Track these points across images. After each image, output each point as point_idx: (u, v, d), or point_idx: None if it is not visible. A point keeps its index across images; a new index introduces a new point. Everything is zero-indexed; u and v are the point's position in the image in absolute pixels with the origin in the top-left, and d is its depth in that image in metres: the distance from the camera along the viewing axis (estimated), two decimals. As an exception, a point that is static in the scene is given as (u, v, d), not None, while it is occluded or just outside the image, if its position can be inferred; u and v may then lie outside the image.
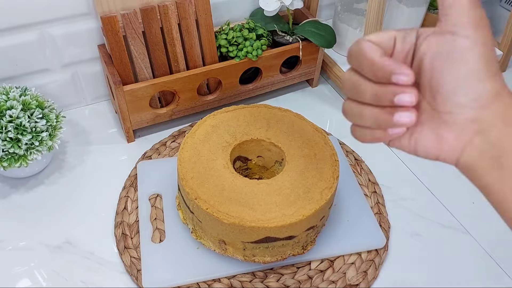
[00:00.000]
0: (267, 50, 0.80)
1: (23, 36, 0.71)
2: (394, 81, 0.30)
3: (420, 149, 0.33)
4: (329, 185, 0.57)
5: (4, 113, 0.62)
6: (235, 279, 0.59)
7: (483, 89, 0.31)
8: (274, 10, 0.80)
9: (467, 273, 0.63)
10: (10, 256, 0.61)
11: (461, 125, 0.32)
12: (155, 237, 0.63)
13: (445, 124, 0.32)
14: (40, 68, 0.76)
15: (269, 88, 0.85)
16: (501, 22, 1.13)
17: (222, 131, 0.63)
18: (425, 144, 0.33)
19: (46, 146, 0.65)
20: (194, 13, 0.74)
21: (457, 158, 0.33)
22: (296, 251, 0.59)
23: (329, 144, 0.62)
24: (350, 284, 0.60)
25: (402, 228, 0.67)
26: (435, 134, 0.32)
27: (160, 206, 0.66)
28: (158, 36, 0.73)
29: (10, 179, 0.71)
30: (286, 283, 0.59)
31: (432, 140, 0.33)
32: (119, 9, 0.70)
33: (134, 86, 0.71)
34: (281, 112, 0.67)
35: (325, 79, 0.94)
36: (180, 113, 0.79)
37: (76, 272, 0.60)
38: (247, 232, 0.54)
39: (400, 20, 0.94)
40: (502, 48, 0.96)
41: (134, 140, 0.78)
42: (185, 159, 0.59)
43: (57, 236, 0.64)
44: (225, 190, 0.56)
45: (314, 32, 0.82)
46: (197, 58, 0.77)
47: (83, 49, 0.77)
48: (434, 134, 0.33)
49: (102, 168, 0.73)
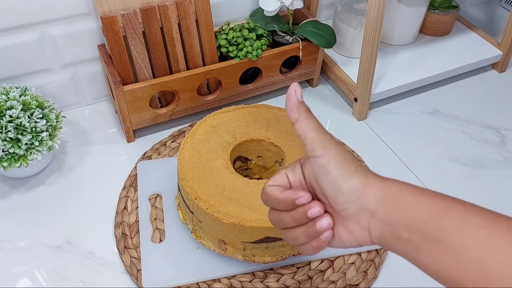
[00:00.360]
0: (267, 50, 0.80)
1: (23, 36, 0.71)
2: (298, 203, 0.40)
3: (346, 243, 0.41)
4: (329, 185, 0.57)
5: (4, 113, 0.62)
6: (235, 279, 0.59)
7: (350, 185, 0.39)
8: (274, 10, 0.80)
9: (467, 273, 0.63)
10: (10, 256, 0.61)
11: (356, 215, 0.39)
12: (155, 237, 0.63)
13: (347, 219, 0.40)
14: (40, 68, 0.76)
15: (269, 88, 0.85)
16: (501, 22, 1.13)
17: (222, 131, 0.63)
18: (345, 239, 0.41)
19: (46, 146, 0.65)
20: (194, 13, 0.74)
21: (370, 240, 0.40)
22: (296, 251, 0.59)
23: (329, 144, 0.62)
24: (350, 284, 0.60)
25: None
26: (346, 229, 0.40)
27: (160, 206, 0.66)
28: (158, 36, 0.73)
29: (10, 179, 0.71)
30: (286, 283, 0.59)
31: (347, 234, 0.41)
32: (119, 9, 0.70)
33: (134, 86, 0.71)
34: (281, 112, 0.67)
35: (325, 79, 0.94)
36: (180, 113, 0.79)
37: (76, 272, 0.60)
38: (247, 232, 0.54)
39: (400, 20, 0.94)
40: (502, 48, 0.96)
41: (134, 140, 0.78)
42: (185, 159, 0.59)
43: (57, 236, 0.64)
44: (225, 190, 0.56)
45: (314, 32, 0.82)
46: (197, 58, 0.77)
47: (83, 49, 0.77)
48: (346, 229, 0.40)
49: (102, 168, 0.74)
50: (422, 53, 0.95)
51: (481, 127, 0.85)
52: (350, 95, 0.86)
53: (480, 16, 1.16)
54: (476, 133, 0.84)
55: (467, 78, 0.96)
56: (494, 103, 0.91)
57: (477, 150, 0.81)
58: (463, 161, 0.78)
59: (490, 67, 0.99)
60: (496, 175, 0.76)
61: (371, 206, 0.39)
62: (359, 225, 0.40)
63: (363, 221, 0.40)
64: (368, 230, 0.40)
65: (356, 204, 0.39)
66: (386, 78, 0.88)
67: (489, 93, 0.93)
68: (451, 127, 0.85)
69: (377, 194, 0.39)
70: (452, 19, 0.99)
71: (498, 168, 0.77)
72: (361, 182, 0.39)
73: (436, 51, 0.96)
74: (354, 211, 0.39)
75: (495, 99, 0.92)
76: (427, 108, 0.88)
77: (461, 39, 0.99)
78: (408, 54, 0.95)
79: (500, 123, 0.86)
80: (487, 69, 0.99)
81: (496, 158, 0.80)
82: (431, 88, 0.93)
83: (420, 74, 0.89)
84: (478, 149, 0.81)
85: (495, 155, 0.80)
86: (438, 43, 0.98)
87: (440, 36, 1.00)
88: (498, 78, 0.97)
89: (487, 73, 0.98)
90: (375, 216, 0.39)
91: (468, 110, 0.89)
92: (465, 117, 0.87)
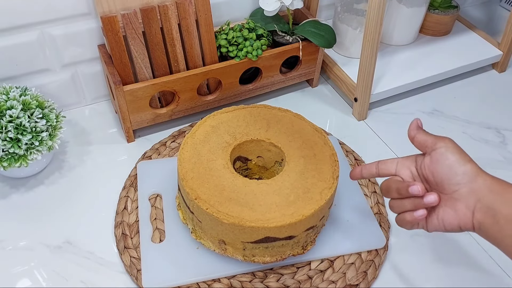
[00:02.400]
0: (267, 50, 0.80)
1: (23, 36, 0.71)
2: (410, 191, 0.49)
3: (447, 223, 0.49)
4: (328, 185, 0.57)
5: (4, 113, 0.62)
6: (235, 279, 0.59)
7: (465, 169, 0.48)
8: (274, 10, 0.80)
9: (467, 273, 0.63)
10: (10, 256, 0.61)
11: (465, 197, 0.47)
12: (155, 237, 0.63)
13: (455, 200, 0.48)
14: (40, 68, 0.76)
15: (269, 88, 0.85)
16: (501, 22, 1.13)
17: (222, 131, 0.63)
18: (448, 218, 0.48)
19: (46, 146, 0.65)
20: (194, 13, 0.74)
21: (471, 221, 0.47)
22: (296, 251, 0.59)
23: (329, 144, 0.62)
24: (350, 284, 0.60)
25: (402, 228, 0.67)
26: (452, 209, 0.48)
27: (160, 206, 0.66)
28: (158, 36, 0.73)
29: (10, 179, 0.71)
30: (286, 283, 0.60)
31: (451, 214, 0.48)
32: (119, 9, 0.70)
33: (134, 86, 0.71)
34: (280, 112, 0.67)
35: (325, 79, 0.94)
36: (180, 113, 0.79)
37: (76, 272, 0.60)
38: (247, 232, 0.54)
39: (400, 20, 0.94)
40: (502, 48, 0.96)
41: (134, 140, 0.78)
42: (185, 159, 0.59)
43: (57, 236, 0.64)
44: (225, 190, 0.56)
45: (314, 32, 0.82)
46: (197, 58, 0.77)
47: (83, 49, 0.77)
48: (452, 209, 0.48)
49: (102, 168, 0.74)
50: (422, 53, 0.95)
51: (481, 127, 0.85)
52: (350, 95, 0.86)
53: (480, 16, 1.16)
54: (476, 133, 0.84)
55: (467, 78, 0.96)
56: (494, 103, 0.91)
57: (477, 150, 0.81)
58: (463, 161, 0.78)
59: (490, 67, 0.99)
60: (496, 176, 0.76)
61: (480, 191, 0.46)
62: (466, 206, 0.47)
63: (470, 203, 0.47)
64: (472, 212, 0.47)
65: (467, 186, 0.47)
66: (386, 78, 0.88)
67: (489, 93, 0.93)
68: (451, 127, 0.85)
69: (486, 183, 0.47)
70: (452, 19, 0.99)
71: (498, 168, 0.77)
72: (474, 170, 0.48)
73: (436, 51, 0.96)
74: (465, 193, 0.47)
75: (495, 99, 0.92)
76: (427, 108, 0.88)
77: (461, 39, 0.99)
78: (408, 54, 0.95)
79: (500, 123, 0.86)
80: (487, 69, 0.99)
81: (496, 158, 0.80)
82: (431, 88, 0.93)
83: (420, 74, 0.89)
84: (478, 149, 0.81)
85: (495, 155, 0.80)
86: (438, 43, 0.98)
87: (440, 36, 1.00)
88: (498, 78, 0.97)
89: (487, 73, 0.98)
90: (481, 200, 0.46)
91: (468, 110, 0.89)
92: (465, 117, 0.87)
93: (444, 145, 0.49)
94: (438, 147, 0.49)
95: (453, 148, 0.49)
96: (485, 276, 0.62)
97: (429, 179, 0.50)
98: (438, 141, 0.50)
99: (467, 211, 0.47)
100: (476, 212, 0.46)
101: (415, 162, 0.53)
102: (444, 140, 0.50)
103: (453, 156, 0.48)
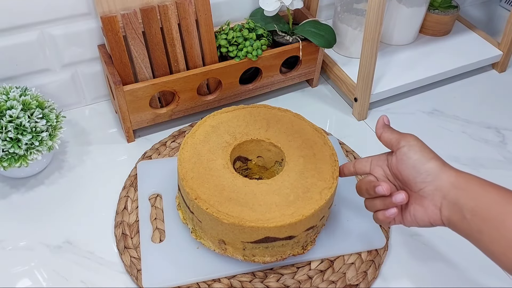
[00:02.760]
0: (267, 50, 0.80)
1: (23, 36, 0.71)
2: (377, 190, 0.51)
3: (419, 220, 0.50)
4: (328, 185, 0.57)
5: (4, 113, 0.62)
6: (235, 279, 0.59)
7: (428, 167, 0.48)
8: (274, 10, 0.80)
9: (467, 273, 0.63)
10: (10, 256, 0.61)
11: (431, 195, 0.48)
12: (155, 237, 0.63)
13: (423, 198, 0.49)
14: (40, 68, 0.76)
15: (269, 88, 0.85)
16: (501, 22, 1.13)
17: (222, 131, 0.63)
18: (419, 215, 0.49)
19: (46, 146, 0.65)
20: (194, 13, 0.74)
21: (440, 218, 0.48)
22: (296, 251, 0.59)
23: (329, 144, 0.62)
24: (350, 284, 0.60)
25: (402, 228, 0.67)
26: (421, 206, 0.49)
27: (160, 206, 0.66)
28: (158, 36, 0.73)
29: (10, 179, 0.71)
30: (286, 283, 0.60)
31: (421, 211, 0.49)
32: (119, 9, 0.70)
33: (134, 86, 0.71)
34: (280, 112, 0.67)
35: (325, 79, 0.94)
36: (180, 113, 0.79)
37: (76, 272, 0.60)
38: (246, 232, 0.54)
39: (400, 20, 0.94)
40: (502, 48, 0.96)
41: (134, 140, 0.78)
42: (185, 159, 0.59)
43: (57, 236, 0.64)
44: (225, 190, 0.56)
45: (314, 32, 0.82)
46: (197, 58, 0.77)
47: (83, 49, 0.77)
48: (421, 206, 0.49)
49: (102, 168, 0.74)
50: (422, 53, 0.95)
51: (481, 127, 0.85)
52: (350, 95, 0.86)
53: (480, 16, 1.16)
54: (476, 133, 0.84)
55: (467, 78, 0.96)
56: (494, 103, 0.91)
57: (477, 150, 0.81)
58: (463, 161, 0.78)
59: (490, 67, 0.99)
60: (495, 175, 0.75)
61: (444, 188, 0.47)
62: (433, 204, 0.48)
63: (436, 201, 0.48)
64: (439, 209, 0.47)
65: (432, 184, 0.48)
66: (386, 78, 0.88)
67: (489, 93, 0.93)
68: (451, 127, 0.85)
69: (450, 179, 0.47)
70: (452, 19, 0.99)
71: (497, 168, 0.77)
72: (438, 166, 0.48)
73: (436, 51, 0.96)
74: (430, 191, 0.48)
75: (495, 99, 0.92)
76: (427, 108, 0.88)
77: (461, 39, 0.99)
78: (408, 54, 0.95)
79: (500, 123, 0.86)
80: (487, 69, 0.99)
81: (496, 158, 0.80)
82: (431, 88, 0.93)
83: (420, 74, 0.89)
84: (477, 149, 0.81)
85: (495, 155, 0.80)
86: (438, 43, 0.98)
87: (440, 36, 1.00)
88: (498, 78, 0.97)
89: (487, 73, 0.98)
90: (446, 197, 0.47)
91: (468, 110, 0.89)
92: (465, 117, 0.87)
93: (406, 144, 0.50)
94: (401, 146, 0.50)
95: (415, 146, 0.49)
96: (485, 276, 0.62)
97: (398, 178, 0.51)
98: (401, 139, 0.50)
99: (435, 209, 0.48)
100: (443, 209, 0.47)
101: (387, 161, 0.53)
102: (406, 138, 0.50)
103: (415, 155, 0.49)
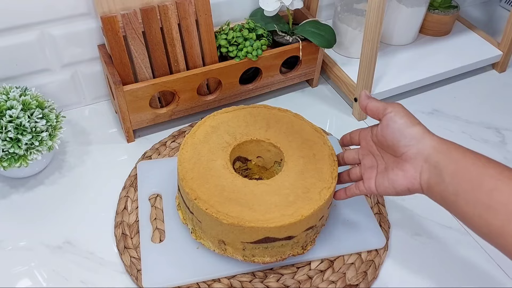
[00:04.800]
0: (267, 50, 0.80)
1: (23, 36, 0.71)
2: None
3: (396, 185, 0.51)
4: (328, 185, 0.57)
5: (4, 113, 0.62)
6: (235, 279, 0.59)
7: (413, 131, 0.50)
8: (274, 10, 0.80)
9: (467, 273, 0.63)
10: (10, 256, 0.61)
11: (413, 158, 0.50)
12: (155, 237, 0.63)
13: (404, 162, 0.50)
14: (40, 68, 0.76)
15: (269, 88, 0.85)
16: (501, 22, 1.13)
17: (222, 131, 0.63)
18: (397, 179, 0.51)
19: (46, 146, 0.65)
20: (194, 13, 0.74)
21: (419, 183, 0.49)
22: (296, 251, 0.59)
23: (328, 144, 0.62)
24: (350, 284, 0.60)
25: (402, 228, 0.67)
26: (401, 170, 0.51)
27: (160, 206, 0.66)
28: (158, 36, 0.73)
29: (10, 179, 0.71)
30: (286, 283, 0.60)
31: (401, 175, 0.51)
32: (119, 9, 0.70)
33: (134, 86, 0.71)
34: (280, 112, 0.67)
35: (325, 79, 0.94)
36: (180, 113, 0.79)
37: (76, 272, 0.60)
38: (246, 232, 0.54)
39: (400, 20, 0.94)
40: (502, 48, 0.96)
41: (134, 140, 0.78)
42: (185, 159, 0.59)
43: (57, 236, 0.64)
44: (224, 191, 0.56)
45: (314, 32, 0.82)
46: (197, 58, 0.77)
47: (83, 49, 0.77)
48: (401, 171, 0.51)
49: (102, 168, 0.74)
50: (422, 53, 0.95)
51: (481, 127, 0.85)
52: (350, 95, 0.86)
53: (480, 16, 1.16)
54: (476, 133, 0.84)
55: (467, 78, 0.96)
56: (494, 103, 0.91)
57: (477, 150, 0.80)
58: (463, 161, 0.78)
59: (490, 67, 0.99)
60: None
61: (426, 151, 0.49)
62: (413, 167, 0.49)
63: (417, 164, 0.49)
64: (420, 173, 0.49)
65: (415, 147, 0.49)
66: (386, 78, 0.88)
67: (489, 93, 0.93)
68: (451, 127, 0.85)
69: (433, 144, 0.49)
70: (452, 19, 0.98)
71: (498, 168, 0.77)
72: (421, 131, 0.50)
73: (436, 51, 0.96)
74: (413, 154, 0.49)
75: (495, 99, 0.92)
76: (427, 108, 0.88)
77: (461, 39, 0.99)
78: (408, 54, 0.95)
79: (500, 123, 0.86)
80: (487, 69, 0.99)
81: (496, 158, 0.78)
82: (431, 88, 0.93)
83: (420, 74, 0.89)
84: (478, 149, 0.79)
85: (495, 155, 0.80)
86: (438, 43, 0.98)
87: (440, 36, 1.00)
88: (498, 78, 0.97)
89: (487, 73, 0.98)
90: (428, 160, 0.48)
91: (468, 110, 0.89)
92: (465, 117, 0.87)
93: (392, 110, 0.51)
94: (387, 112, 0.52)
95: (402, 112, 0.51)
96: (485, 276, 0.62)
97: (383, 144, 0.53)
98: (388, 106, 0.52)
99: (414, 172, 0.49)
100: (423, 173, 0.49)
101: (371, 132, 0.56)
102: (393, 105, 0.52)
103: (401, 119, 0.50)
